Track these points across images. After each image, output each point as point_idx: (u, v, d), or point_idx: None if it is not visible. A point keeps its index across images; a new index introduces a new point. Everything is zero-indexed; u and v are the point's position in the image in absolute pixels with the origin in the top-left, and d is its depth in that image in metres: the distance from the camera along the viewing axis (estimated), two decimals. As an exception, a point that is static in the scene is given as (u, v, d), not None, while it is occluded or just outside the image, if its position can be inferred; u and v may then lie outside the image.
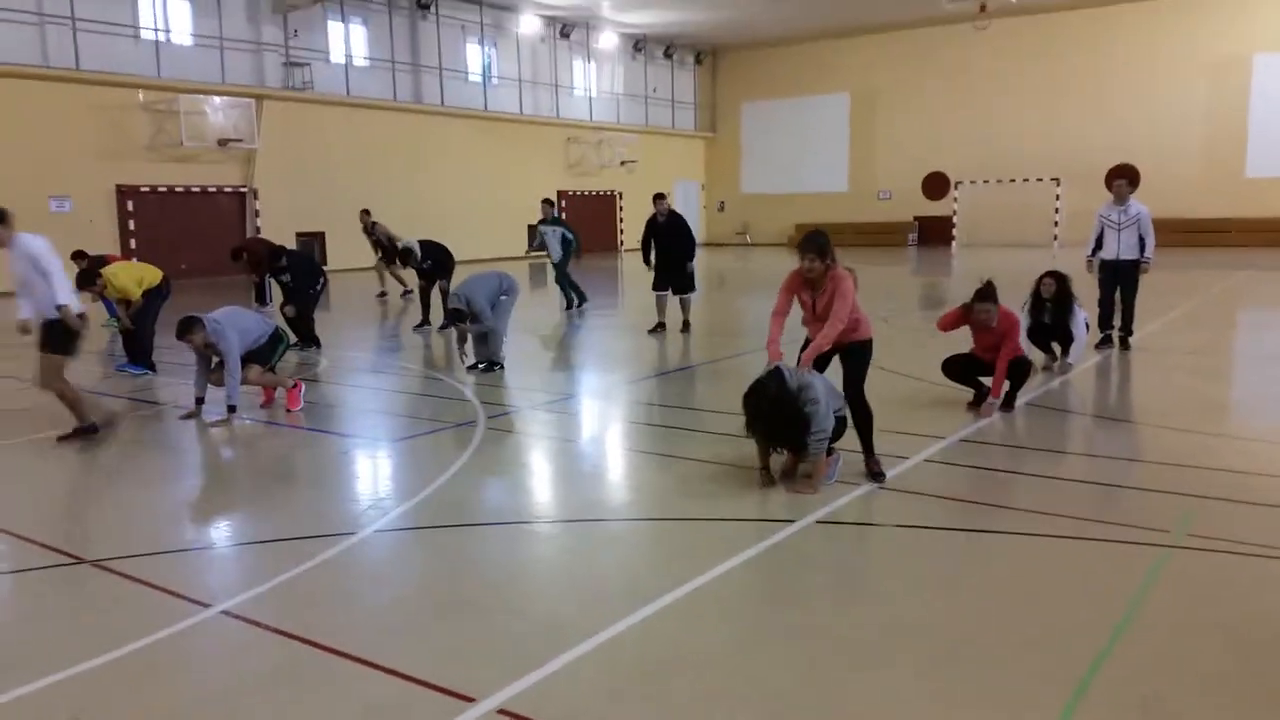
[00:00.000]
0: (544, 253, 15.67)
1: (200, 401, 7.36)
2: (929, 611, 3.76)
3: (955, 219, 32.10)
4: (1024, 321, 8.67)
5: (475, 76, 28.94)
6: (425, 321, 12.63)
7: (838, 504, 5.00)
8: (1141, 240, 9.62)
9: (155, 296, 9.73)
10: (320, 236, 24.64)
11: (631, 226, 34.01)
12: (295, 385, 7.78)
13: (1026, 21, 30.77)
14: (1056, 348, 8.76)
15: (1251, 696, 3.07)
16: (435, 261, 12.79)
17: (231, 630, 3.69)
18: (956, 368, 7.34)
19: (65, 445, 6.71)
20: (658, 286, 12.05)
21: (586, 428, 7.43)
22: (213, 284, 19.47)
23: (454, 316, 9.04)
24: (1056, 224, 29.06)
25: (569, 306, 14.89)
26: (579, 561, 4.44)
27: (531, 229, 30.80)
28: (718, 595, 3.94)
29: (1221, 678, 3.18)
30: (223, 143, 22.34)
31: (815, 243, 5.23)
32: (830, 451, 5.30)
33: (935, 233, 32.58)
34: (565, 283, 15.03)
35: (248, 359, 7.35)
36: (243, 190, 23.52)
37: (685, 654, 3.46)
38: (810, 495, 5.06)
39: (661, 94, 35.56)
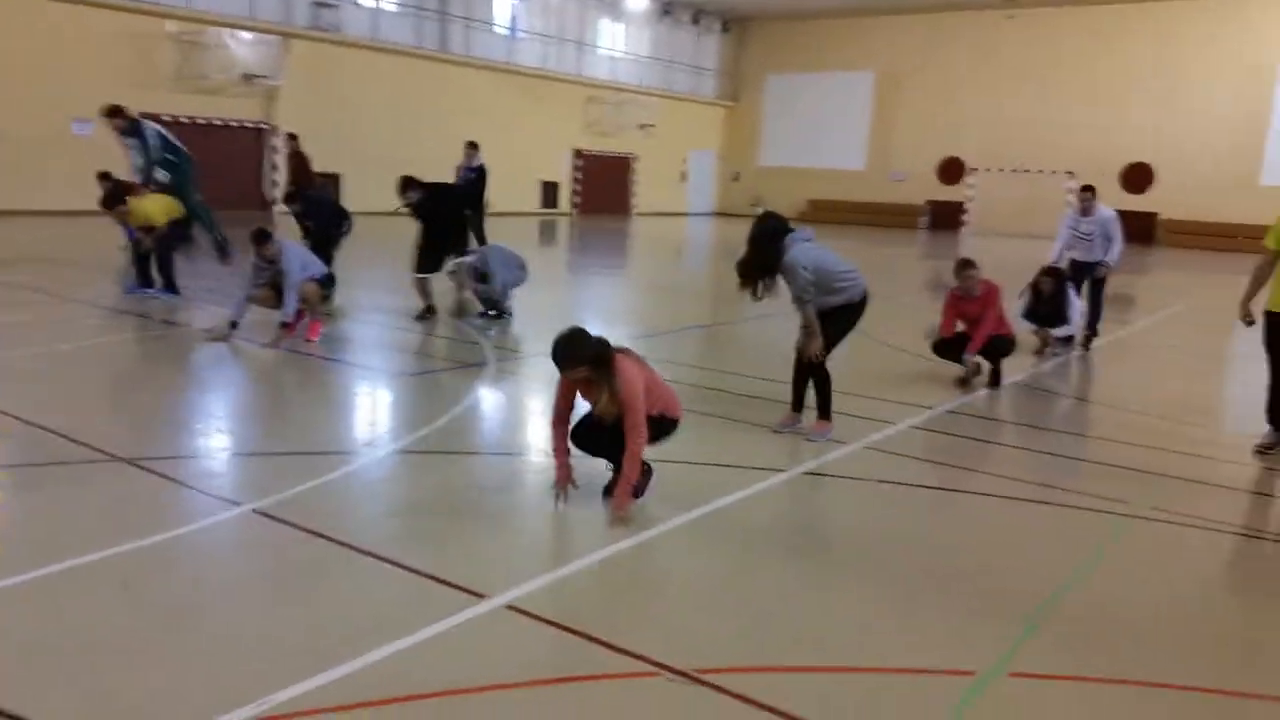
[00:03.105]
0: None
1: (234, 325, 7.66)
2: (896, 551, 4.12)
3: (967, 205, 32.22)
4: (1020, 306, 9.02)
5: (501, 28, 28.95)
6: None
7: (826, 459, 5.35)
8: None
9: (180, 225, 10.05)
10: (335, 178, 24.83)
11: (644, 190, 34.16)
12: (316, 318, 8.13)
13: (1056, 13, 30.69)
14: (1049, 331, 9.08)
15: (1178, 641, 3.43)
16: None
17: (264, 526, 4.05)
18: (945, 346, 7.64)
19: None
20: (425, 268, 9.50)
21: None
22: (230, 218, 19.71)
23: (473, 274, 9.52)
24: (1067, 217, 29.19)
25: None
26: (580, 490, 4.74)
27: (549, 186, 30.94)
28: (712, 527, 4.29)
29: (1154, 625, 3.54)
30: (248, 78, 22.47)
31: (563, 355, 4.20)
32: (829, 416, 5.66)
33: (947, 218, 32.72)
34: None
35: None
36: (263, 126, 23.69)
37: (674, 574, 3.83)
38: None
39: (685, 59, 35.51)
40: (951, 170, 32.72)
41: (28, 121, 19.09)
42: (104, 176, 14.61)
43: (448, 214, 9.61)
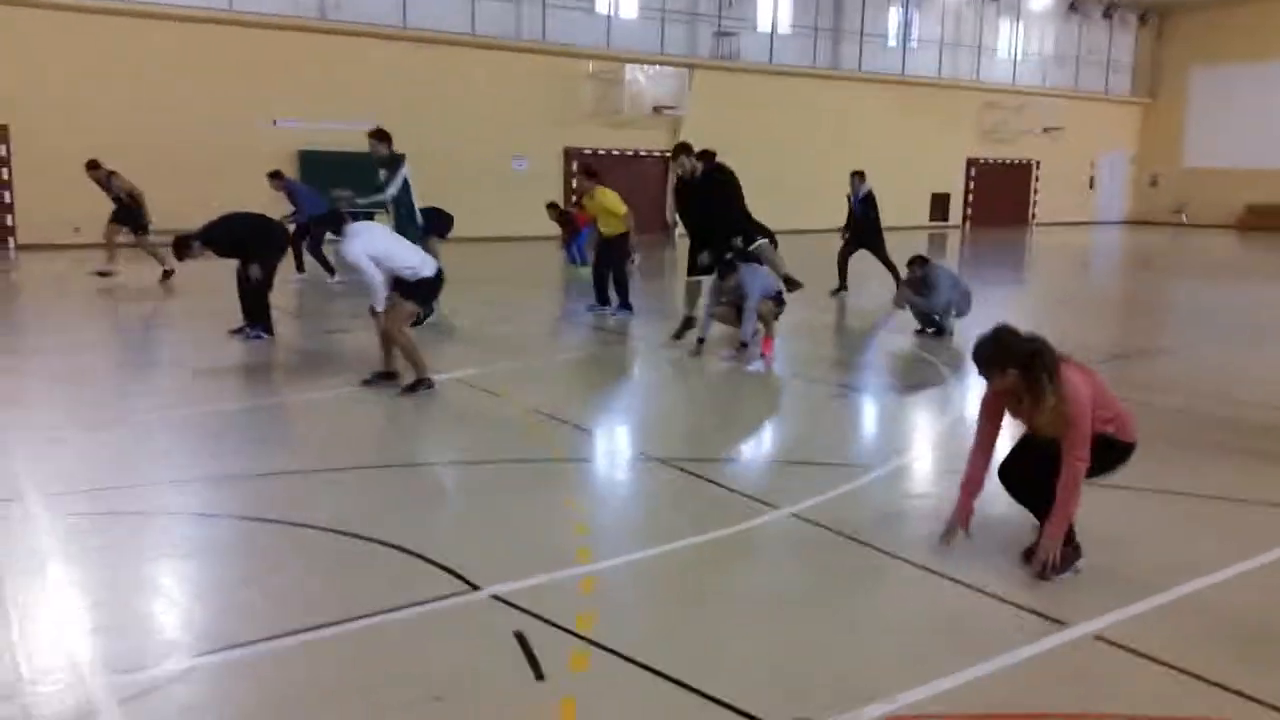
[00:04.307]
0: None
1: (701, 341, 8.23)
2: None
3: None
4: None
5: (894, 41, 28.56)
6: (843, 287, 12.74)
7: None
8: None
9: (624, 241, 10.88)
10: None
11: (1046, 198, 31.92)
12: (769, 336, 8.47)
13: None
14: None
15: None
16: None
17: (804, 529, 4.26)
18: None
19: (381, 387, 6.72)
20: (692, 269, 8.86)
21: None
22: (640, 241, 21.28)
23: (914, 287, 9.38)
24: None
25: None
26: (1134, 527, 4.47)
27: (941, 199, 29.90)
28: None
29: None
30: (657, 110, 24.15)
31: (989, 355, 3.63)
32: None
33: None
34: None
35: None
36: (668, 155, 25.29)
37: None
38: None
39: (1096, 56, 32.72)
40: None
41: (477, 159, 21.83)
42: (552, 205, 16.61)
43: (705, 209, 8.46)
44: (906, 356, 8.72)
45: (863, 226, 13.06)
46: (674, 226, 24.54)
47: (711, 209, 8.43)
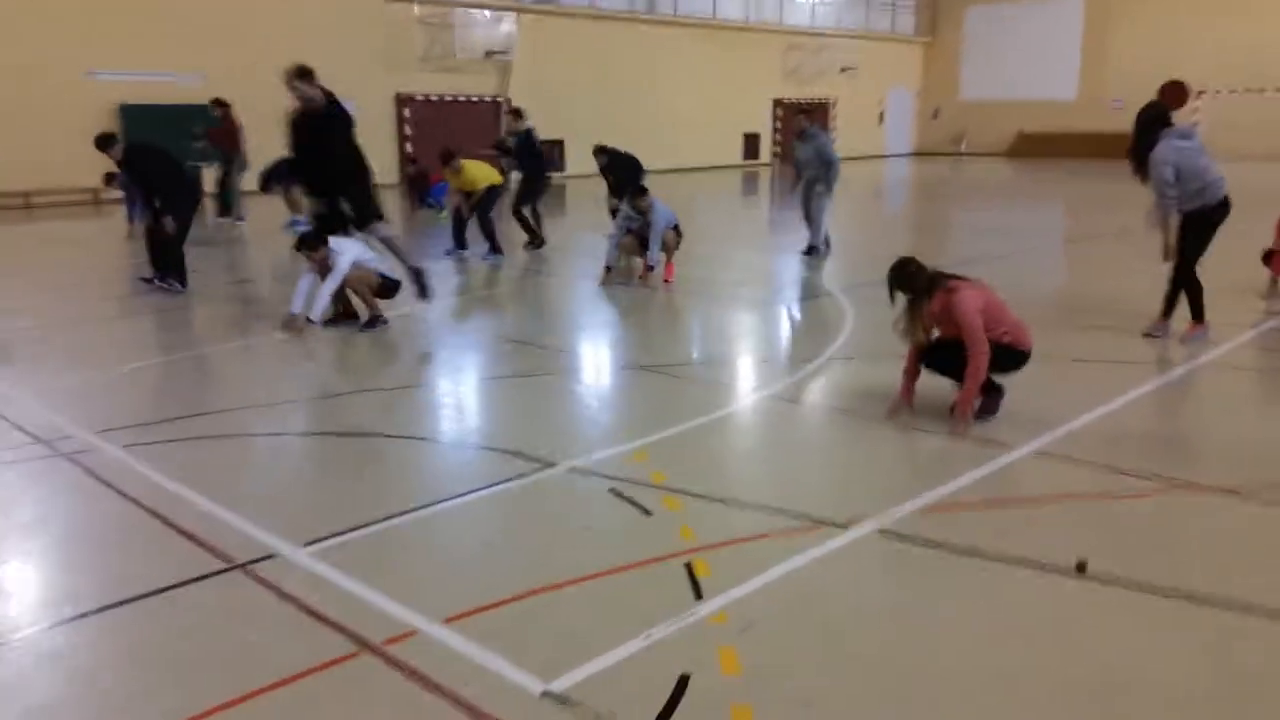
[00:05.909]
0: None
1: (609, 270, 9.05)
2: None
3: (1197, 130, 30.64)
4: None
5: (704, -16, 29.69)
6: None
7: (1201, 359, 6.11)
8: None
9: (495, 192, 11.41)
10: (560, 144, 26.46)
11: (842, 134, 34.25)
12: (670, 262, 9.38)
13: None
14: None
15: None
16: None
17: (786, 406, 5.24)
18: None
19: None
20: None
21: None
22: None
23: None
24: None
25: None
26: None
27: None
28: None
29: None
30: (489, 54, 24.26)
31: (890, 280, 4.74)
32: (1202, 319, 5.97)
33: (1170, 143, 31.17)
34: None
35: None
36: (498, 100, 25.50)
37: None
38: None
39: (883, -3, 35.18)
40: (1176, 93, 31.09)
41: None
42: (413, 160, 16.65)
43: (319, 154, 6.92)
44: (792, 272, 9.87)
45: (530, 167, 12.17)
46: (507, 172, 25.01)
47: (325, 155, 6.93)
